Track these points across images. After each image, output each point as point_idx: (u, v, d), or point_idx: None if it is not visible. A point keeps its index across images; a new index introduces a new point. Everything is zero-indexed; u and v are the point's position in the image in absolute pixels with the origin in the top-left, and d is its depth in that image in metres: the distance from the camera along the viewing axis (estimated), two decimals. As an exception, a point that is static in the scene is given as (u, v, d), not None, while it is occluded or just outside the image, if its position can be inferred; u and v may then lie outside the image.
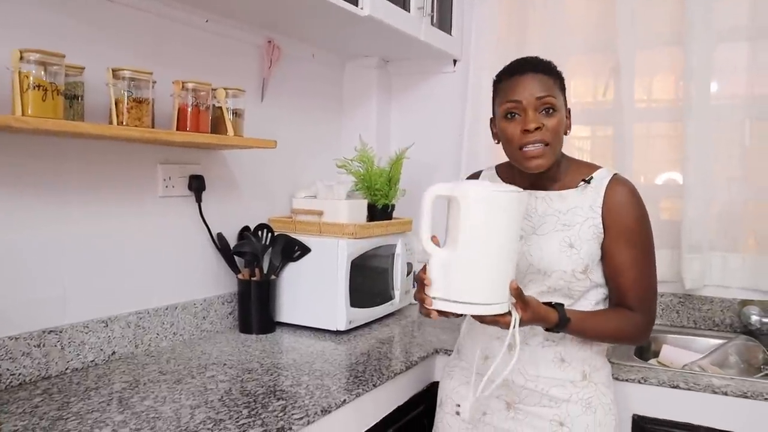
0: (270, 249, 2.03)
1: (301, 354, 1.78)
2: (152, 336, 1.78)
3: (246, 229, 2.06)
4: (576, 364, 1.40)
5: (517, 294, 1.20)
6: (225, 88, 1.74)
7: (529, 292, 1.36)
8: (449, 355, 1.87)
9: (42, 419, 1.27)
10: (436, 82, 2.61)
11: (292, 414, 1.33)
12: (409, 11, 2.12)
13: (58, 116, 1.34)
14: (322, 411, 1.37)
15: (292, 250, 2.02)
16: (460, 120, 2.52)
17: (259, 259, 1.97)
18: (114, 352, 1.68)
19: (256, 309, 1.97)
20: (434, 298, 1.19)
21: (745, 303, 2.13)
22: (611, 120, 2.27)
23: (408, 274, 2.32)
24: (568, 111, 1.42)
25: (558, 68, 1.41)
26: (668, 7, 2.21)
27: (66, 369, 1.57)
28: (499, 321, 1.20)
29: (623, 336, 1.40)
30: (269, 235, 2.05)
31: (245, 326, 1.99)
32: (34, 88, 1.30)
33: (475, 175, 1.61)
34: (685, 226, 2.12)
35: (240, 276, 1.99)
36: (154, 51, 1.76)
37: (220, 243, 1.96)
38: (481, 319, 1.21)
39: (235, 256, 1.99)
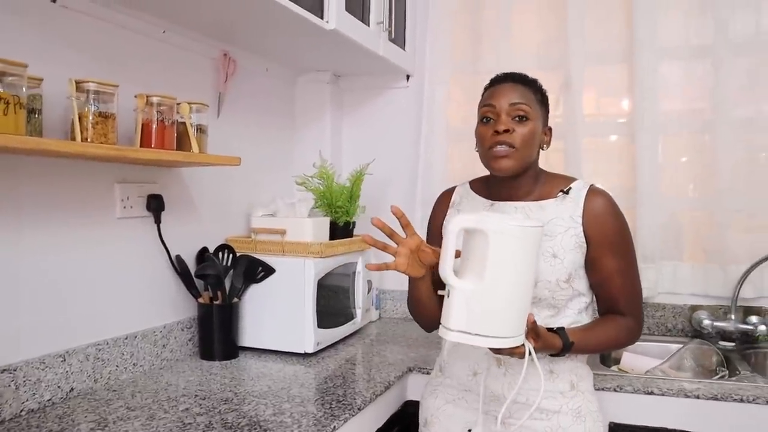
0: (231, 271, 1.94)
1: (273, 380, 1.70)
2: (112, 369, 1.65)
3: (205, 250, 1.96)
4: (564, 374, 1.41)
5: (533, 326, 1.21)
6: (189, 103, 1.65)
7: None
8: (423, 372, 1.85)
9: (9, 469, 1.15)
10: (388, 97, 2.59)
11: (287, 445, 1.26)
12: (369, 26, 2.09)
13: (20, 132, 1.22)
14: (315, 440, 1.31)
15: (255, 271, 1.93)
16: (414, 134, 2.52)
17: (222, 281, 1.87)
18: (72, 389, 1.55)
19: (218, 334, 1.87)
20: (454, 330, 1.16)
21: (695, 308, 2.23)
22: (562, 134, 2.32)
23: (368, 291, 2.28)
24: (549, 129, 1.46)
25: (542, 86, 1.44)
26: (616, 25, 2.29)
27: (21, 411, 1.42)
28: (514, 353, 1.21)
29: (620, 343, 1.44)
30: (230, 256, 1.96)
31: (207, 353, 1.88)
32: (-5, 101, 1.18)
33: (450, 191, 1.59)
34: (638, 237, 2.19)
35: (200, 300, 1.88)
36: (109, 62, 1.64)
37: (179, 266, 1.85)
38: (499, 351, 1.20)
39: (195, 279, 1.89)
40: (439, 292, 1.24)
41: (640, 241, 2.17)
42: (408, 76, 2.55)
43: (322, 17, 1.83)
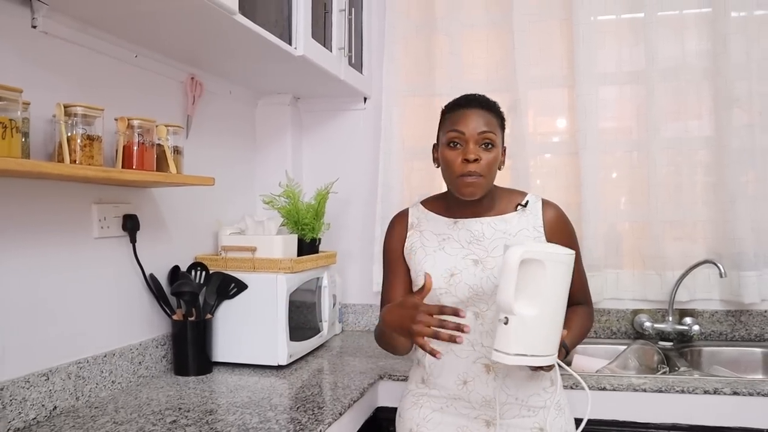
0: (204, 288, 1.98)
1: (252, 391, 1.76)
2: (92, 386, 1.68)
3: (176, 268, 2.00)
4: (545, 372, 1.48)
5: (563, 340, 1.35)
6: (166, 125, 1.71)
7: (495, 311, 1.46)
8: (393, 379, 1.94)
9: (11, 483, 1.17)
10: (346, 119, 2.70)
11: (280, 449, 1.33)
12: (331, 51, 2.20)
13: (16, 155, 1.26)
14: (305, 443, 1.39)
15: (227, 287, 1.99)
16: (372, 154, 2.63)
17: (197, 298, 1.92)
18: (55, 407, 1.57)
19: (192, 350, 1.91)
20: (512, 354, 1.26)
21: (636, 312, 2.41)
22: (511, 154, 2.47)
23: (333, 305, 2.36)
24: (504, 149, 1.55)
25: (501, 109, 1.54)
26: (557, 52, 2.48)
27: (8, 430, 1.44)
28: (543, 366, 1.32)
29: (589, 327, 1.60)
30: (203, 273, 2.01)
31: (181, 368, 1.92)
32: (-7, 125, 1.22)
33: (404, 213, 1.65)
34: (583, 247, 2.35)
35: (174, 317, 1.93)
36: (85, 84, 1.68)
37: (153, 284, 1.89)
38: (540, 367, 1.32)
39: (168, 297, 1.93)
40: (499, 319, 1.28)
41: (585, 251, 2.34)
42: (365, 99, 2.67)
43: (290, 43, 1.92)
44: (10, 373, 1.47)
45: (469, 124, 1.45)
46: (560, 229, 1.54)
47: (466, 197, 1.47)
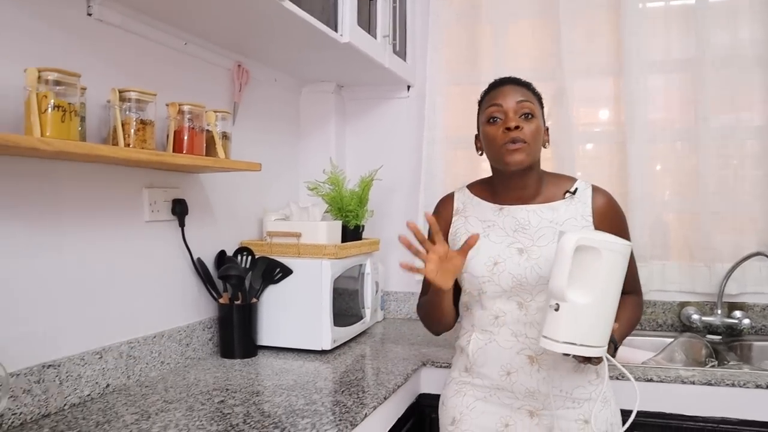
0: (250, 272, 2.01)
1: (297, 374, 1.78)
2: (143, 366, 1.72)
3: (223, 253, 2.03)
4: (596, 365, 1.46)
5: (613, 334, 1.32)
6: (214, 111, 1.73)
7: (540, 302, 1.45)
8: (436, 366, 1.95)
9: (69, 455, 1.21)
10: (390, 107, 2.71)
11: (326, 430, 1.34)
12: (376, 38, 2.20)
13: (75, 138, 1.30)
14: (351, 425, 1.40)
15: (272, 272, 2.02)
16: (415, 142, 2.63)
17: (244, 282, 1.95)
18: (108, 385, 1.61)
19: (238, 333, 1.94)
20: (561, 342, 1.26)
21: (683, 305, 2.37)
22: (556, 143, 2.45)
23: (376, 292, 2.37)
24: (546, 128, 1.53)
25: (536, 89, 1.52)
26: (605, 40, 2.44)
27: (64, 405, 1.49)
28: (593, 360, 1.31)
29: (638, 318, 1.56)
30: (249, 258, 2.04)
31: (227, 351, 1.96)
32: (53, 108, 1.26)
33: (450, 198, 1.64)
34: (631, 238, 2.31)
35: (221, 300, 1.96)
36: (134, 71, 1.72)
37: (200, 268, 1.92)
38: (588, 359, 1.31)
39: (214, 280, 1.97)
40: (550, 305, 1.29)
41: (633, 241, 2.29)
42: (409, 87, 2.67)
43: (336, 30, 1.93)
44: (66, 350, 1.51)
45: (507, 97, 1.45)
46: (610, 218, 1.50)
47: (513, 166, 1.43)
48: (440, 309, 1.52)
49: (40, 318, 1.45)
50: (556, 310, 1.27)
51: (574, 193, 1.50)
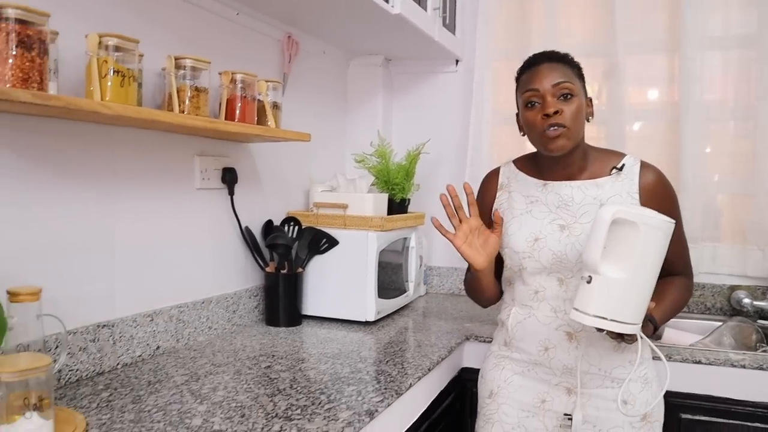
0: (296, 242, 2.03)
1: (341, 343, 1.80)
2: (191, 330, 1.76)
3: (270, 222, 2.06)
4: (631, 345, 1.44)
5: (649, 314, 1.29)
6: (266, 81, 1.74)
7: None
8: (479, 341, 1.95)
9: (124, 412, 1.24)
10: (437, 81, 2.69)
11: (372, 398, 1.36)
12: (426, 11, 2.18)
13: (133, 103, 1.33)
14: (396, 393, 1.41)
15: (318, 242, 2.03)
16: (461, 117, 2.61)
17: (290, 252, 1.97)
18: (159, 347, 1.65)
19: (284, 302, 1.97)
20: (591, 315, 1.24)
21: (734, 288, 2.31)
22: (606, 121, 2.40)
23: (420, 266, 2.37)
24: (590, 100, 1.47)
25: (575, 60, 1.47)
26: (660, 16, 2.37)
27: (117, 364, 1.53)
28: (625, 338, 1.29)
29: (685, 301, 1.51)
30: (296, 228, 2.06)
31: (272, 319, 1.99)
32: (113, 73, 1.28)
33: (495, 173, 1.64)
34: (682, 219, 2.26)
35: (267, 269, 1.99)
36: (189, 39, 1.73)
37: (248, 237, 1.95)
38: (620, 336, 1.28)
39: (261, 249, 1.99)
40: (582, 277, 1.28)
41: (682, 222, 2.25)
42: (457, 61, 2.65)
43: (387, 1, 1.92)
44: (120, 312, 1.55)
45: (543, 80, 1.39)
46: (658, 195, 1.44)
47: (555, 152, 1.40)
48: (481, 285, 1.58)
49: (96, 279, 1.49)
50: (588, 282, 1.25)
51: (620, 169, 1.46)
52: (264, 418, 1.23)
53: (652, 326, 1.37)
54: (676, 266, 1.49)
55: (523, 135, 1.50)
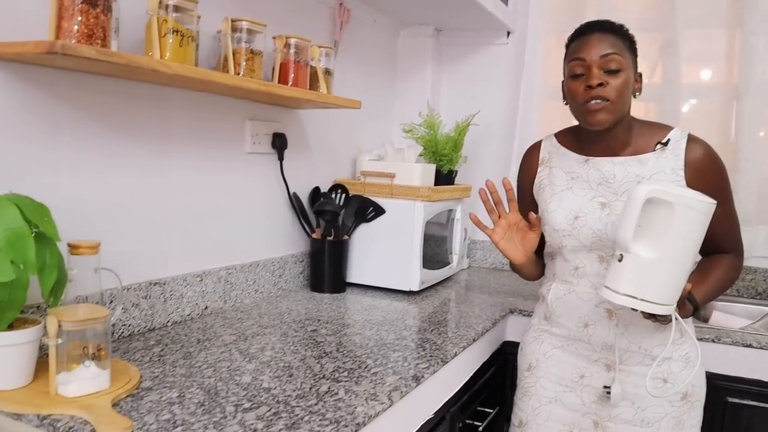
0: (343, 210, 2.04)
1: (385, 311, 1.81)
2: (238, 292, 1.79)
3: (317, 189, 2.07)
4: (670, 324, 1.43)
5: (685, 295, 1.25)
6: (319, 46, 1.74)
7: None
8: (523, 315, 1.94)
9: (175, 367, 1.27)
10: (488, 53, 2.65)
11: (418, 364, 1.36)
12: (480, -20, 2.15)
13: (190, 63, 1.34)
14: (441, 361, 1.41)
15: (365, 211, 2.04)
16: (511, 90, 2.57)
17: (338, 219, 1.98)
18: (207, 307, 1.68)
19: (329, 268, 1.98)
20: (621, 294, 1.22)
21: (787, 273, 2.25)
22: (660, 98, 2.34)
23: (464, 239, 2.36)
24: (639, 75, 1.42)
25: (629, 31, 1.40)
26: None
27: (167, 322, 1.56)
28: (660, 318, 1.27)
29: (731, 280, 1.46)
30: (343, 195, 2.06)
31: (317, 285, 2.01)
32: (172, 33, 1.29)
33: (536, 147, 1.61)
34: (735, 200, 2.20)
35: (313, 236, 2.00)
36: (243, 3, 1.73)
37: (295, 202, 1.97)
38: (652, 316, 1.26)
39: (308, 216, 2.01)
40: (614, 255, 1.26)
41: (736, 204, 2.19)
42: (508, 33, 2.60)
43: (442, -31, 1.89)
44: (171, 271, 1.58)
45: (591, 50, 1.34)
46: (706, 172, 1.37)
47: (594, 126, 1.36)
48: (522, 271, 1.60)
49: (149, 237, 1.52)
50: (620, 260, 1.22)
51: (665, 144, 1.39)
52: (312, 378, 1.24)
53: (692, 306, 1.34)
54: (724, 244, 1.45)
55: (566, 104, 1.46)
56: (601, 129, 1.37)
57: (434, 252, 2.21)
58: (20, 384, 1.11)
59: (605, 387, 1.46)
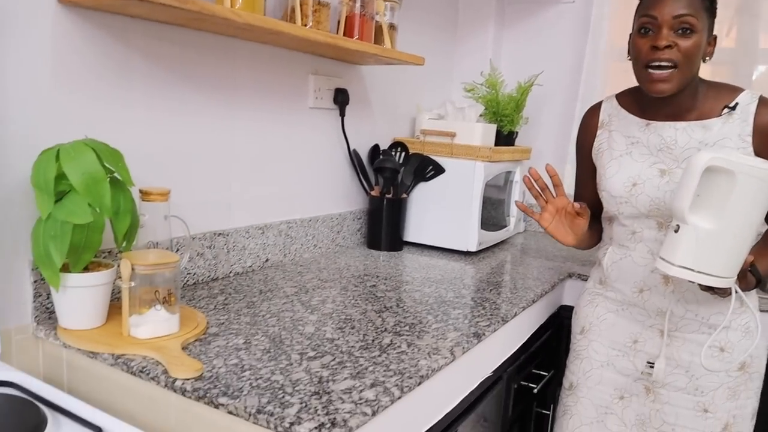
0: (402, 168, 2.03)
1: (443, 270, 1.81)
2: (297, 246, 1.81)
3: (377, 147, 2.06)
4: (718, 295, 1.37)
5: (746, 268, 1.21)
6: (384, 0, 1.71)
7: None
8: (583, 279, 1.91)
9: (240, 315, 1.30)
10: (552, 13, 2.56)
11: (478, 322, 1.36)
12: (551, -68, 2.07)
13: (260, 13, 1.33)
14: (502, 320, 1.40)
15: (425, 169, 2.02)
16: (575, 52, 2.50)
17: (397, 177, 1.97)
18: (267, 260, 1.71)
19: (386, 226, 1.98)
20: (676, 265, 1.18)
21: None
22: (733, 62, 2.24)
23: (522, 202, 2.33)
24: (714, 38, 1.33)
25: None
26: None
27: (230, 272, 1.59)
28: (719, 292, 1.23)
29: None
30: (403, 153, 2.05)
31: (374, 242, 2.01)
32: (243, -18, 1.28)
33: (596, 109, 1.55)
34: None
35: (372, 193, 2.00)
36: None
37: (355, 159, 1.96)
38: (710, 288, 1.22)
39: (367, 173, 2.00)
40: (670, 225, 1.22)
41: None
42: (575, -7, 2.52)
43: None
44: (234, 222, 1.61)
45: (664, 8, 1.25)
46: None
47: (653, 94, 1.30)
48: (576, 245, 1.55)
49: (214, 189, 1.54)
50: (676, 231, 1.18)
51: (733, 108, 1.31)
52: (374, 331, 1.25)
53: (755, 279, 1.28)
54: None
55: (629, 59, 1.38)
56: (663, 97, 1.31)
57: (491, 214, 2.18)
58: (95, 325, 1.15)
59: (649, 363, 1.44)
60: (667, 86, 1.27)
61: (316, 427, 0.85)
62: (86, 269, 1.13)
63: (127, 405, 1.06)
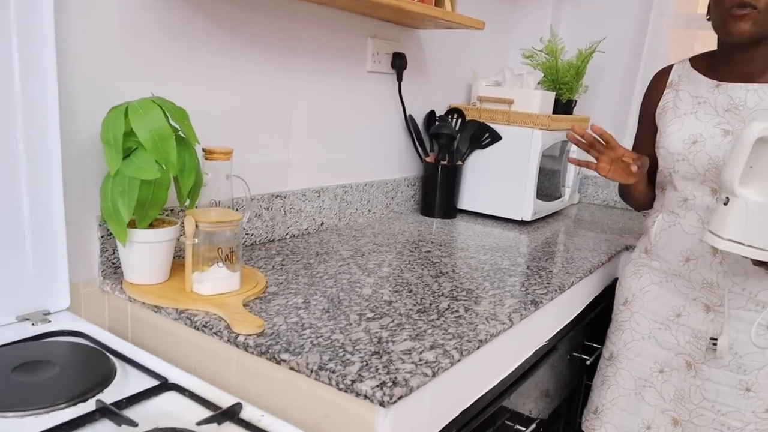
0: (458, 135, 2.01)
1: (498, 239, 1.79)
2: (352, 211, 1.81)
3: (433, 113, 2.04)
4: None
5: None
6: (445, -38, 1.68)
7: None
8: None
9: (298, 276, 1.31)
10: (616, -22, 2.48)
11: (535, 290, 1.34)
12: None
13: (322, -27, 1.32)
14: (559, 289, 1.39)
15: (481, 137, 2.00)
16: (638, 17, 2.41)
17: (453, 143, 1.95)
18: (323, 223, 1.72)
19: (441, 194, 1.97)
20: (725, 239, 1.15)
21: None
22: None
23: (577, 173, 2.29)
24: None
25: None
26: None
27: (286, 234, 1.61)
28: (765, 264, 1.19)
29: None
30: (459, 120, 2.03)
31: (427, 209, 2.00)
32: (307, -59, 1.27)
33: (667, 70, 1.51)
34: None
35: (427, 159, 1.98)
36: None
37: (411, 125, 1.95)
38: (762, 263, 1.18)
39: (423, 139, 1.99)
40: (719, 197, 1.19)
41: None
42: (641, -46, 2.42)
43: None
44: (291, 185, 1.62)
45: None
46: None
47: (735, 36, 1.25)
48: (632, 194, 1.55)
49: (272, 150, 1.55)
50: (725, 204, 1.14)
51: None
52: (431, 295, 1.25)
53: None
54: None
55: (709, 19, 1.34)
56: (741, 42, 1.27)
57: (545, 185, 2.15)
58: (159, 280, 1.18)
59: (712, 339, 1.39)
60: (749, 26, 1.24)
61: (377, 385, 0.85)
62: (151, 226, 1.16)
63: (188, 358, 1.08)
